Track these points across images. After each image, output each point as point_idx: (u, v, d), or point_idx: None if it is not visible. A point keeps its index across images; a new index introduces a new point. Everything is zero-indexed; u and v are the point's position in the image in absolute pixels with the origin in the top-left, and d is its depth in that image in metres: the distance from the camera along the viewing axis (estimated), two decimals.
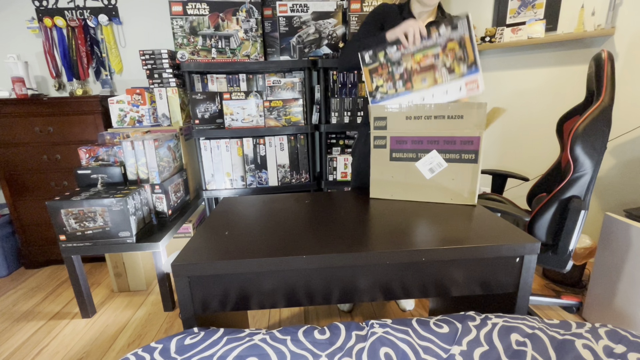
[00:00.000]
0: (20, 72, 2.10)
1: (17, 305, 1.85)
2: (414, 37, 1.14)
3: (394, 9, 1.39)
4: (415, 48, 1.16)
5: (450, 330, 0.76)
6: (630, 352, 0.66)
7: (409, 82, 1.18)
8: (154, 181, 1.70)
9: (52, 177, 2.12)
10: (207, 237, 0.96)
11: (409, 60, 1.17)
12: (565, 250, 1.27)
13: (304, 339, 0.75)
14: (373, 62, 1.21)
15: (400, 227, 0.97)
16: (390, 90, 1.20)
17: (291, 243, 0.90)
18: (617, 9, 1.77)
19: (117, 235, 1.54)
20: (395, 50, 1.17)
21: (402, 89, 1.19)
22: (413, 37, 1.13)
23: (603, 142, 1.18)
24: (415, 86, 1.17)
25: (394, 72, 1.19)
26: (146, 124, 2.04)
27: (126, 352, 1.46)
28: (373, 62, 1.21)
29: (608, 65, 1.20)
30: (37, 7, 2.21)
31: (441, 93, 1.15)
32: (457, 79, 1.13)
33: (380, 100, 1.22)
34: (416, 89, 1.17)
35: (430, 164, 1.14)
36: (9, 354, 1.47)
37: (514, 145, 2.30)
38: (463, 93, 1.13)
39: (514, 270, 0.88)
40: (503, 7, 2.13)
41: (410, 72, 1.17)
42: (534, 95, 2.15)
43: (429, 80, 1.16)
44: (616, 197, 1.95)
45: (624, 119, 1.84)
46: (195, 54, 1.95)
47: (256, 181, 2.11)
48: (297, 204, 1.22)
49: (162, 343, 0.76)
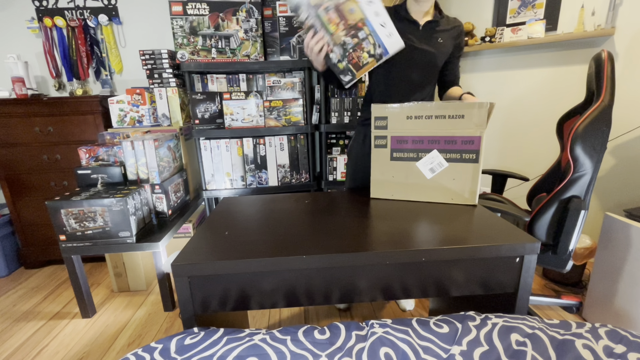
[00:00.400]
0: (20, 72, 2.10)
1: (17, 305, 1.85)
2: (320, 43, 1.08)
3: (389, 12, 1.35)
4: (326, 34, 1.06)
5: (450, 330, 0.76)
6: (630, 352, 0.66)
7: (356, 26, 1.05)
8: (154, 181, 1.70)
9: (52, 177, 2.12)
10: (207, 237, 0.96)
11: (338, 35, 1.06)
12: (565, 250, 1.27)
13: (304, 339, 0.75)
14: (349, 71, 1.13)
15: (400, 227, 0.97)
16: (370, 43, 1.08)
17: (291, 243, 0.90)
18: (617, 9, 1.77)
19: (117, 235, 1.54)
20: (333, 55, 1.10)
21: (365, 30, 1.06)
22: (320, 44, 1.08)
23: (603, 142, 1.18)
24: (357, 16, 1.05)
25: (351, 45, 1.08)
26: (146, 124, 2.04)
27: (126, 352, 1.46)
28: (349, 71, 1.13)
29: (608, 65, 1.20)
30: (37, 7, 2.21)
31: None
32: None
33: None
34: (360, 16, 1.05)
35: (431, 163, 1.14)
36: (9, 354, 1.47)
37: (514, 145, 2.30)
38: None
39: (514, 270, 0.88)
40: (503, 7, 2.13)
41: (347, 29, 1.06)
42: (534, 95, 2.15)
43: (350, 6, 1.04)
44: (616, 197, 1.95)
45: (624, 119, 1.84)
46: (195, 54, 1.95)
47: (256, 181, 2.11)
48: (297, 204, 1.22)
49: (162, 343, 0.76)
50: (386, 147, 1.18)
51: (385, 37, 1.06)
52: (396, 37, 1.08)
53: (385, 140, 1.18)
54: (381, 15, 1.04)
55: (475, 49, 2.19)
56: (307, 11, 1.04)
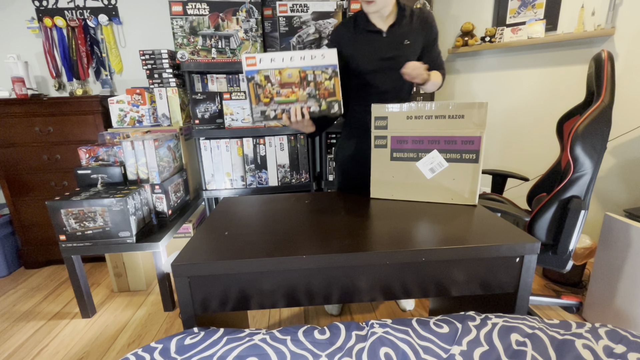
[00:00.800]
0: (20, 72, 2.10)
1: (17, 305, 1.85)
2: (294, 117, 1.17)
3: (347, 27, 1.33)
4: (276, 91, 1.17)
5: (450, 330, 0.76)
6: (630, 352, 0.66)
7: (291, 89, 1.18)
8: (154, 181, 1.70)
9: (52, 177, 2.12)
10: (207, 237, 0.96)
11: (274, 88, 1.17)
12: (565, 250, 1.27)
13: (304, 339, 0.75)
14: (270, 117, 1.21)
15: (400, 227, 0.97)
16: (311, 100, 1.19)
17: (291, 243, 0.90)
18: (617, 9, 1.77)
19: (117, 235, 1.54)
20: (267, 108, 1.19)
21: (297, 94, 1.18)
22: (297, 117, 1.17)
23: (603, 142, 1.18)
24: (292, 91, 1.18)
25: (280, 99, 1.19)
26: (146, 124, 2.04)
27: (126, 352, 1.46)
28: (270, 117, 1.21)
29: (608, 65, 1.20)
30: (37, 7, 2.21)
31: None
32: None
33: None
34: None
35: (431, 163, 1.14)
36: (9, 354, 1.47)
37: (514, 145, 2.31)
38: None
39: (514, 270, 0.88)
40: (503, 7, 2.13)
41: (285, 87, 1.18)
42: (534, 95, 2.15)
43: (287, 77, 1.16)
44: (616, 197, 1.95)
45: (624, 119, 1.84)
46: (195, 54, 1.95)
47: (256, 181, 2.11)
48: (297, 204, 1.22)
49: (162, 343, 0.76)
50: (386, 147, 1.18)
51: (322, 59, 1.17)
52: (327, 52, 1.17)
53: (385, 140, 1.18)
54: (304, 57, 1.16)
55: (475, 49, 2.19)
56: (271, 109, 1.17)
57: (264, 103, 1.16)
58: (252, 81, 1.14)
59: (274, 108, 1.16)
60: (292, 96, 1.17)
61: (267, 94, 1.16)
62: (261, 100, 1.15)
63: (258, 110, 1.16)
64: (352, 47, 1.31)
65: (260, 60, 1.14)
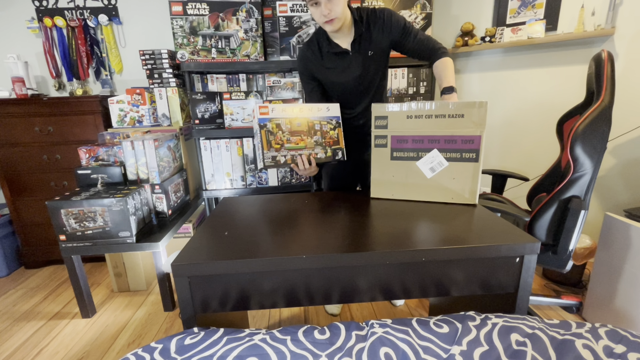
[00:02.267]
0: (20, 72, 2.10)
1: (17, 305, 1.85)
2: (303, 171, 1.26)
3: (314, 52, 1.33)
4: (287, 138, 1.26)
5: (450, 330, 0.76)
6: (630, 352, 0.66)
7: (299, 136, 1.25)
8: (154, 181, 1.70)
9: (52, 177, 2.12)
10: (207, 237, 0.96)
11: (285, 136, 1.25)
12: (565, 250, 1.27)
13: (304, 339, 0.75)
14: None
15: (400, 227, 0.97)
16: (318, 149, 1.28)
17: (291, 243, 0.90)
18: (617, 9, 1.77)
19: (117, 235, 1.54)
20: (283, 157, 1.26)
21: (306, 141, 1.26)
22: (305, 170, 1.26)
23: (603, 142, 1.18)
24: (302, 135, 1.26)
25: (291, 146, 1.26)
26: (146, 124, 2.04)
27: (126, 352, 1.46)
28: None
29: (608, 65, 1.20)
30: (37, 7, 2.21)
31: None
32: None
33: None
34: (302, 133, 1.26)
35: (431, 163, 1.14)
36: (9, 354, 1.47)
37: (514, 145, 2.30)
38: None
39: (514, 270, 0.88)
40: (503, 7, 2.13)
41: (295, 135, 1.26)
42: (534, 95, 2.15)
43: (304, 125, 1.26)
44: (616, 197, 1.95)
45: (624, 119, 1.84)
46: (195, 54, 1.95)
47: (256, 181, 2.11)
48: (297, 204, 1.22)
49: (162, 343, 0.76)
50: (386, 147, 1.18)
51: (327, 111, 1.30)
52: (331, 106, 1.31)
53: (386, 139, 1.18)
54: (311, 108, 1.28)
55: (475, 49, 2.19)
56: (281, 155, 1.23)
57: (275, 149, 1.21)
58: (265, 128, 1.20)
59: (284, 154, 1.23)
60: (301, 143, 1.25)
61: (279, 140, 1.21)
62: (272, 146, 1.21)
63: (269, 155, 1.20)
64: (322, 73, 1.35)
65: (273, 110, 1.21)
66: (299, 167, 1.23)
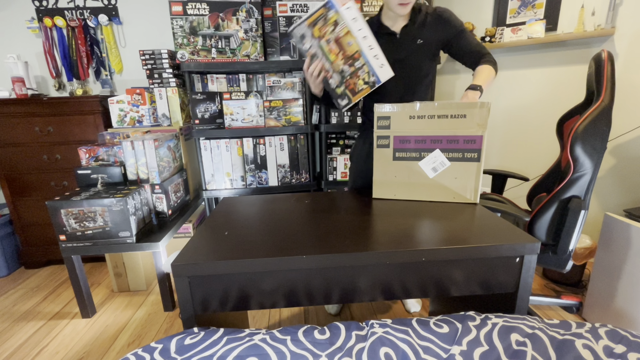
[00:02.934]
0: (20, 72, 2.10)
1: (17, 305, 1.85)
2: (318, 69, 1.18)
3: None
4: (326, 62, 1.18)
5: (450, 330, 0.76)
6: (630, 352, 0.66)
7: (354, 56, 1.16)
8: (154, 181, 1.70)
9: (52, 177, 2.12)
10: (207, 237, 0.96)
11: (338, 64, 1.18)
12: (565, 250, 1.27)
13: (304, 339, 0.75)
14: (346, 96, 1.22)
15: (400, 226, 0.97)
16: (364, 72, 1.19)
17: (291, 243, 0.90)
18: (617, 9, 1.77)
19: (117, 235, 1.54)
20: (332, 80, 1.21)
21: (360, 61, 1.17)
22: (318, 69, 1.18)
23: (603, 142, 1.18)
24: (355, 48, 1.16)
25: (349, 72, 1.19)
26: (146, 124, 2.04)
27: (126, 352, 1.46)
28: (346, 96, 1.22)
29: (608, 65, 1.20)
30: (37, 7, 2.21)
31: (356, 29, 1.14)
32: (340, 16, 1.12)
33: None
34: (357, 48, 1.16)
35: (434, 163, 1.14)
36: (9, 354, 1.47)
37: (514, 145, 2.30)
38: (351, 4, 1.11)
39: (514, 270, 0.88)
40: (503, 7, 2.13)
41: (345, 58, 1.17)
42: (534, 95, 2.15)
43: (348, 39, 1.14)
44: (616, 197, 1.95)
45: (624, 119, 1.84)
46: (195, 54, 1.95)
47: (256, 181, 2.11)
48: (297, 204, 1.22)
49: (162, 343, 0.76)
50: (389, 147, 1.18)
51: (378, 67, 1.19)
52: (387, 68, 1.19)
53: (388, 140, 1.18)
54: (374, 48, 1.16)
55: None
56: (310, 42, 1.15)
57: (312, 33, 1.12)
58: (326, 10, 1.11)
59: (314, 45, 1.14)
60: (332, 56, 1.16)
61: (322, 32, 1.13)
62: (314, 29, 1.12)
63: (303, 29, 1.11)
64: None
65: (348, 7, 1.10)
66: (308, 65, 1.18)
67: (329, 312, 1.67)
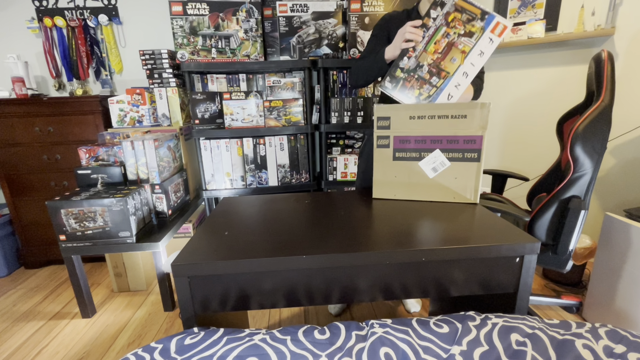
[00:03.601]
0: (20, 72, 2.10)
1: (17, 305, 1.85)
2: (415, 36, 1.10)
3: (401, 15, 1.37)
4: (423, 44, 1.11)
5: (450, 330, 0.76)
6: (630, 352, 0.66)
7: (442, 72, 1.12)
8: (154, 181, 1.70)
9: (52, 177, 2.12)
10: (207, 237, 0.96)
11: (426, 56, 1.12)
12: (565, 250, 1.27)
13: (304, 339, 0.75)
14: (397, 84, 1.17)
15: (399, 226, 0.97)
16: (431, 91, 1.15)
17: (291, 243, 0.90)
18: (617, 9, 1.77)
19: (117, 235, 1.54)
20: (407, 59, 1.14)
21: (440, 82, 1.13)
22: (414, 37, 1.10)
23: (603, 142, 1.18)
24: (450, 69, 1.12)
25: (421, 75, 1.14)
26: (146, 124, 2.04)
27: (126, 352, 1.46)
28: (397, 84, 1.17)
29: (608, 65, 1.20)
30: (37, 7, 2.21)
31: (477, 56, 1.08)
32: (480, 35, 1.07)
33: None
34: (452, 70, 1.12)
35: (434, 163, 1.14)
36: (9, 354, 1.47)
37: (514, 145, 2.30)
38: (497, 40, 1.07)
39: (514, 270, 0.88)
40: (503, 7, 2.13)
41: (435, 64, 1.12)
42: (533, 95, 2.15)
43: (457, 55, 1.10)
44: (616, 197, 1.95)
45: (624, 119, 1.84)
46: (195, 54, 1.95)
47: (256, 181, 2.11)
48: (297, 204, 1.22)
49: (162, 343, 0.76)
50: (389, 147, 1.18)
51: (445, 96, 1.14)
52: (451, 99, 1.14)
53: (388, 140, 1.18)
54: (461, 86, 1.11)
55: None
56: (439, 14, 1.07)
57: (447, 13, 1.06)
58: (479, 16, 1.05)
59: (438, 19, 1.07)
60: (431, 47, 1.10)
61: (454, 23, 1.07)
62: (454, 14, 1.06)
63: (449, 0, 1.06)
64: None
65: (492, 41, 1.06)
66: (416, 26, 1.10)
67: (331, 313, 1.67)
